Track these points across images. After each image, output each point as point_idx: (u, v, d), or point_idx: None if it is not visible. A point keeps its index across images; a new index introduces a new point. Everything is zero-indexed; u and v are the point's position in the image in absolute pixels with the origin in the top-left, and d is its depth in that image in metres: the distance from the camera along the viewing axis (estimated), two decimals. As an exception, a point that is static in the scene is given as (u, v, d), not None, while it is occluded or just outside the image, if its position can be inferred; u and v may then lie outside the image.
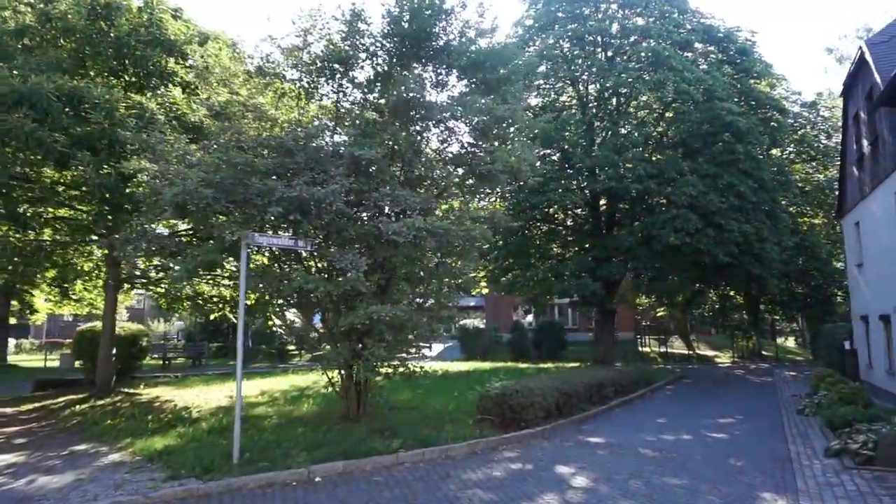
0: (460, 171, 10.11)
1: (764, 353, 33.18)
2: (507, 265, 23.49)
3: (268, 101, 9.75)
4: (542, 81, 22.35)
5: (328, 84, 10.18)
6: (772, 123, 22.97)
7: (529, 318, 37.13)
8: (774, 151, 26.43)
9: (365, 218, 9.28)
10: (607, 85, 21.62)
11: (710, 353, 33.56)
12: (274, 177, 8.21)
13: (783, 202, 23.93)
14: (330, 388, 10.82)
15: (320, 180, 8.46)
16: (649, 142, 21.44)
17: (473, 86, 10.23)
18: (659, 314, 36.59)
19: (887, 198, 12.86)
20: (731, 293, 31.53)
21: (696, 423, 11.31)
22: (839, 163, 30.92)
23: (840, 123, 32.75)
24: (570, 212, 23.80)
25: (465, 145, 10.34)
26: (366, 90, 10.34)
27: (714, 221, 18.50)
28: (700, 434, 10.19)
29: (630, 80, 20.46)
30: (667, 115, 22.44)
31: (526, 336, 30.05)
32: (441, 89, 10.75)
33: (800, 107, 31.02)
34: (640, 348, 32.00)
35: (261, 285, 8.60)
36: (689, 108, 19.94)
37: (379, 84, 10.60)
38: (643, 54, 20.66)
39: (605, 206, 22.73)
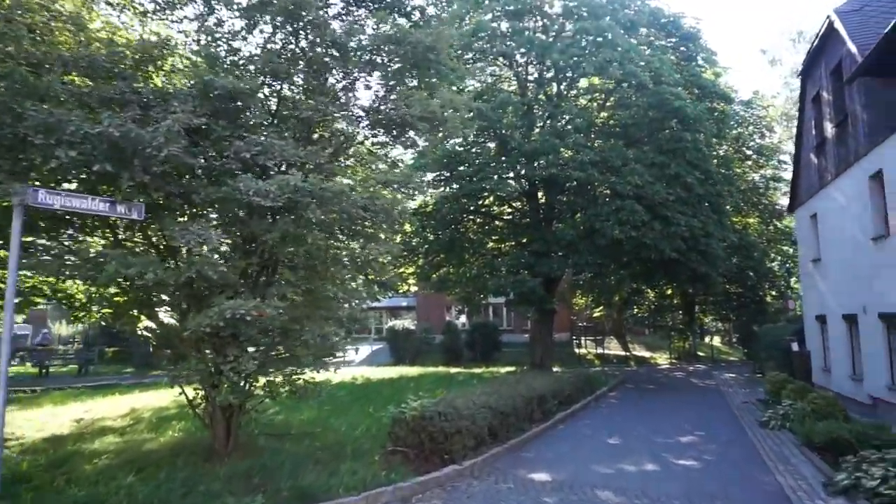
0: (368, 123, 7.61)
1: (699, 353, 32.63)
2: (437, 261, 21.46)
3: (95, 17, 6.97)
4: (473, 55, 20.16)
5: (192, 2, 7.50)
6: (716, 113, 21.93)
7: (463, 318, 35.13)
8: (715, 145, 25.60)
9: (236, 177, 6.65)
10: (547, 64, 19.81)
11: (646, 353, 32.68)
12: (78, 109, 5.47)
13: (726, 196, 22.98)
14: (195, 413, 8.12)
15: (161, 119, 5.83)
16: (592, 128, 19.76)
17: (388, 15, 7.81)
18: (595, 314, 35.46)
19: (858, 183, 11.48)
20: (669, 292, 30.74)
21: (655, 443, 9.46)
22: (782, 156, 31.10)
23: (774, 123, 33.23)
24: (506, 203, 21.85)
25: (375, 94, 7.91)
26: (246, 15, 7.73)
27: (660, 214, 17.02)
28: (665, 461, 8.25)
29: (573, 59, 18.66)
30: (611, 100, 20.90)
31: (459, 337, 28.28)
32: (348, 36, 8.28)
33: (736, 105, 30.57)
34: (576, 350, 30.65)
35: (63, 269, 5.84)
36: (635, 93, 18.48)
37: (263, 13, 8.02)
38: (588, 36, 18.91)
39: (544, 198, 20.89)
